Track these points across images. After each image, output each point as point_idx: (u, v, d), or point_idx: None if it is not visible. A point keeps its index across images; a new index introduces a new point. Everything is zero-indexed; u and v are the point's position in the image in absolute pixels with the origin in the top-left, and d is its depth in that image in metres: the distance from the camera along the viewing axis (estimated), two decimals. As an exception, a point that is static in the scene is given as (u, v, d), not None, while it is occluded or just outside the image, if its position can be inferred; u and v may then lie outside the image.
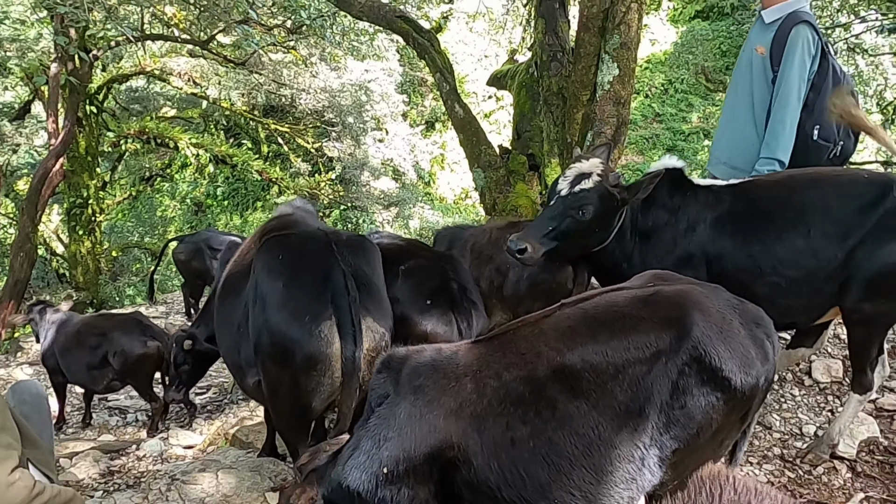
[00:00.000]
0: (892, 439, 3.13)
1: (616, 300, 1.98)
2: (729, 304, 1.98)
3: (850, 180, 2.66)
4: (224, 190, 16.19)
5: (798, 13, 3.08)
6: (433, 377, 1.92)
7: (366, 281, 2.70)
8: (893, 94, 12.03)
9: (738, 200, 2.72)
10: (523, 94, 6.07)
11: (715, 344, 1.82)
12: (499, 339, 2.00)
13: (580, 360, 1.83)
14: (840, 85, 3.12)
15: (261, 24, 9.54)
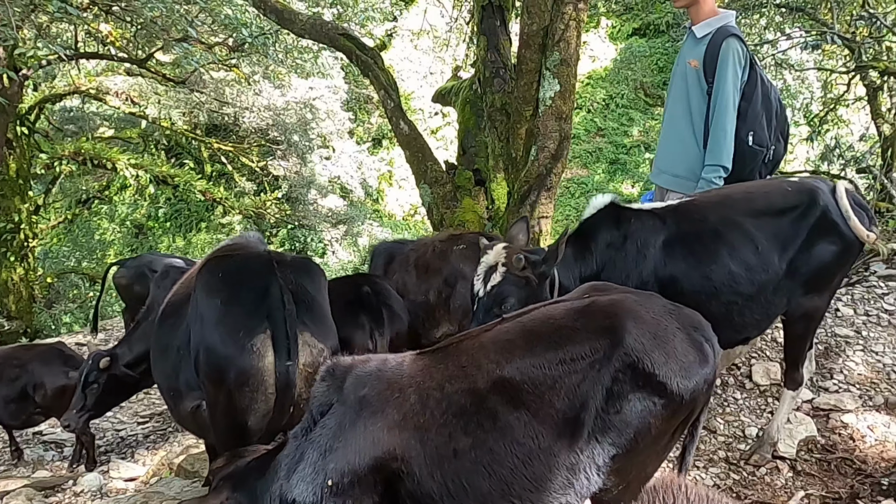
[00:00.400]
0: (829, 437, 3.25)
1: (552, 313, 2.03)
2: (665, 309, 2.04)
3: (779, 193, 2.80)
4: (166, 211, 15.77)
5: (726, 27, 3.25)
6: (378, 387, 1.94)
7: (307, 298, 2.65)
8: (819, 108, 12.63)
9: (684, 221, 2.79)
10: (467, 110, 6.12)
11: (648, 350, 1.88)
12: (442, 352, 2.03)
13: (518, 371, 1.88)
14: (768, 92, 3.30)
15: (201, 42, 9.38)
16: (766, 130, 3.30)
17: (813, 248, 2.72)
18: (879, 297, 4.52)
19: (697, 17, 3.37)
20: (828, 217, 2.71)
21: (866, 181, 9.15)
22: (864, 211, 2.81)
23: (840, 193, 2.72)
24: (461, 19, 16.08)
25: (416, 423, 1.86)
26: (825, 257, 2.72)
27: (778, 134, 3.38)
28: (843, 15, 9.36)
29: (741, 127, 3.25)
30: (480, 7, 5.55)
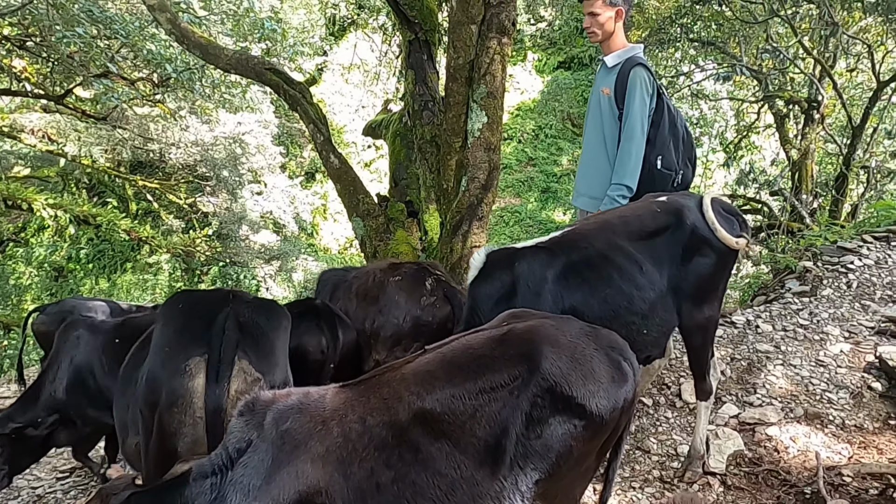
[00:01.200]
0: (755, 451, 3.35)
1: (471, 343, 2.06)
2: (582, 332, 2.09)
3: (650, 215, 2.91)
4: (88, 252, 15.08)
5: (634, 58, 3.46)
6: (300, 421, 1.90)
7: (256, 332, 2.63)
8: (733, 135, 13.35)
9: (572, 251, 2.83)
10: (398, 142, 6.16)
11: (566, 373, 1.91)
12: (364, 385, 2.02)
13: (439, 403, 1.89)
14: (675, 119, 3.50)
15: (123, 77, 9.15)
16: (675, 155, 3.49)
17: (690, 264, 2.84)
18: (795, 312, 4.75)
19: (609, 50, 3.58)
20: (697, 234, 2.82)
21: (779, 203, 9.69)
22: (735, 217, 2.96)
23: (706, 206, 2.85)
24: (390, 53, 16.29)
25: (339, 457, 1.84)
26: (703, 271, 2.84)
27: (686, 159, 3.57)
28: (749, 48, 9.98)
29: (650, 151, 3.42)
30: (407, 42, 5.63)
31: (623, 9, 3.48)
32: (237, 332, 2.53)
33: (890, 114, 9.75)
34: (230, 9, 9.27)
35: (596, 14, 3.48)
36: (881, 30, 8.54)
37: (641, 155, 3.39)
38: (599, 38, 3.55)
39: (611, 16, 3.48)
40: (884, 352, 3.89)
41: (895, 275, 5.18)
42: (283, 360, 2.77)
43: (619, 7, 3.47)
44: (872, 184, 8.77)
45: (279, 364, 2.71)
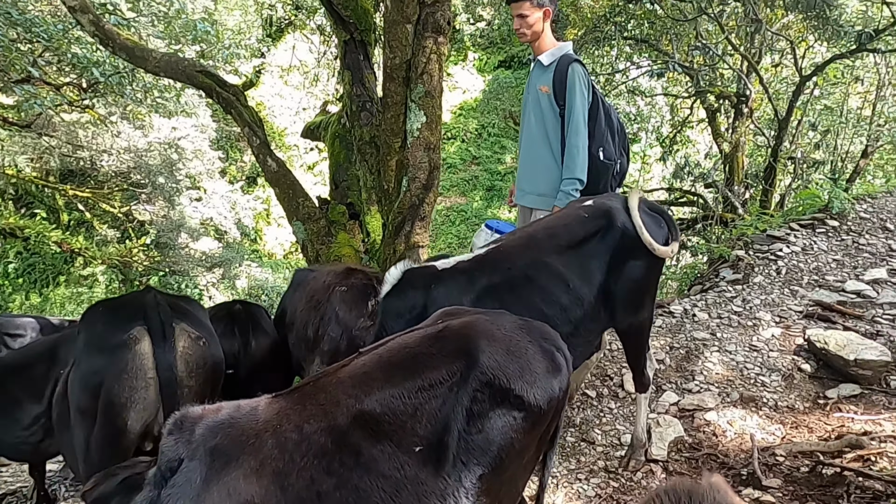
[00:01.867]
0: (695, 436, 3.45)
1: (407, 342, 2.05)
2: (516, 325, 2.11)
3: (578, 222, 2.87)
4: (17, 266, 14.35)
5: (568, 55, 3.56)
6: (230, 435, 1.84)
7: (183, 310, 2.73)
8: (668, 130, 13.73)
9: (493, 272, 2.79)
10: (337, 144, 6.09)
11: (503, 365, 1.93)
12: (299, 392, 1.98)
13: (378, 404, 1.87)
14: (609, 111, 3.60)
15: (47, 82, 8.77)
16: (612, 145, 3.59)
17: (622, 268, 2.80)
18: (729, 300, 4.91)
19: (540, 49, 3.65)
20: (628, 235, 2.80)
21: (713, 194, 10.02)
22: (661, 216, 2.98)
23: (632, 206, 2.84)
24: (329, 54, 16.11)
25: (275, 469, 1.78)
26: (635, 275, 2.82)
27: (621, 149, 3.68)
28: (681, 46, 10.28)
29: (591, 144, 3.51)
30: (343, 42, 5.57)
31: (550, 8, 3.56)
32: (168, 305, 2.62)
33: (813, 107, 10.20)
34: (160, 10, 8.99)
35: (525, 16, 3.55)
36: (802, 26, 8.92)
37: (587, 149, 3.48)
38: (529, 38, 3.62)
39: (539, 16, 3.55)
40: (812, 334, 4.06)
41: (821, 260, 5.42)
42: (215, 334, 2.85)
43: (547, 7, 3.54)
44: (799, 174, 9.17)
45: (214, 335, 2.81)
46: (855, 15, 9.08)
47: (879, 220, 6.00)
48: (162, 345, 2.48)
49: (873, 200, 6.52)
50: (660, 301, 5.16)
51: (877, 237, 5.70)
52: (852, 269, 5.24)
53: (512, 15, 3.64)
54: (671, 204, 11.33)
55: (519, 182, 3.88)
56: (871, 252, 5.45)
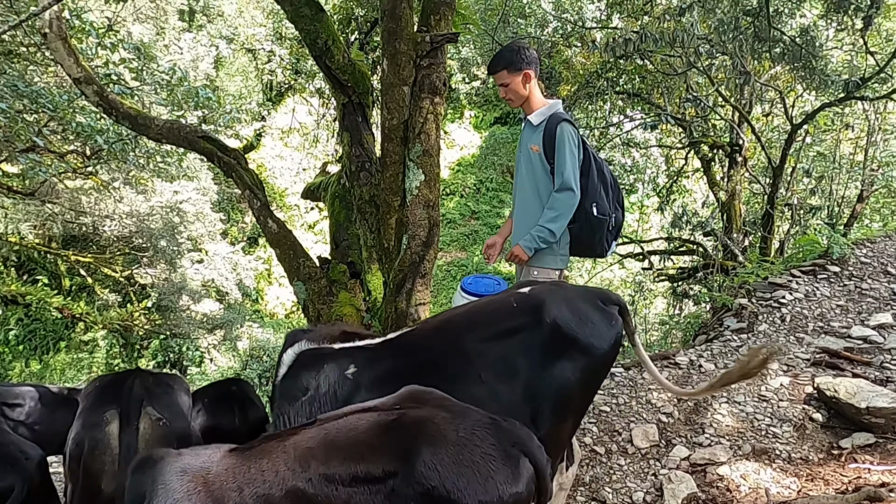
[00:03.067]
0: (708, 492, 3.36)
1: (357, 425, 2.03)
2: (479, 425, 2.02)
3: (505, 312, 2.69)
4: (17, 333, 14.29)
5: (557, 114, 3.60)
6: (182, 481, 1.94)
7: (159, 391, 3.12)
8: (665, 180, 13.87)
9: (399, 356, 2.66)
10: (337, 204, 6.15)
11: (443, 475, 1.87)
12: (249, 452, 2.02)
13: (311, 484, 1.88)
14: (601, 167, 3.62)
15: (51, 151, 8.92)
16: (606, 200, 3.61)
17: (549, 369, 2.55)
18: (735, 349, 4.86)
19: (530, 109, 3.71)
20: (559, 333, 2.55)
21: (713, 242, 10.05)
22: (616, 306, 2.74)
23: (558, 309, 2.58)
24: (328, 116, 16.46)
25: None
26: (564, 378, 2.54)
27: (615, 203, 3.70)
28: (672, 98, 10.50)
29: (584, 200, 3.52)
30: (342, 105, 5.69)
31: (530, 70, 3.60)
32: (142, 389, 3.05)
33: (806, 154, 10.33)
34: (163, 78, 9.22)
35: (506, 84, 3.63)
36: (790, 77, 9.13)
37: (572, 205, 3.48)
38: (517, 103, 3.70)
39: (519, 80, 3.61)
40: (821, 383, 4.00)
41: (824, 306, 5.39)
42: (183, 412, 3.21)
43: (525, 70, 3.59)
44: (796, 220, 9.21)
45: (180, 414, 3.16)
46: (840, 64, 9.31)
47: (880, 265, 6.00)
48: (126, 427, 2.92)
49: (872, 245, 6.53)
50: (665, 352, 5.10)
51: (879, 281, 5.69)
52: (857, 314, 5.21)
53: (496, 85, 3.72)
54: (671, 253, 11.34)
55: (514, 239, 3.87)
56: (874, 297, 5.43)
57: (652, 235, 14.35)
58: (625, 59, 9.40)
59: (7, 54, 8.04)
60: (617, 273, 16.05)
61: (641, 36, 7.27)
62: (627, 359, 5.60)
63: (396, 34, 4.81)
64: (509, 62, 3.60)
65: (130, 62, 8.55)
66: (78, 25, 7.71)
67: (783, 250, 8.55)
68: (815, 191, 10.27)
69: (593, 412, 4.17)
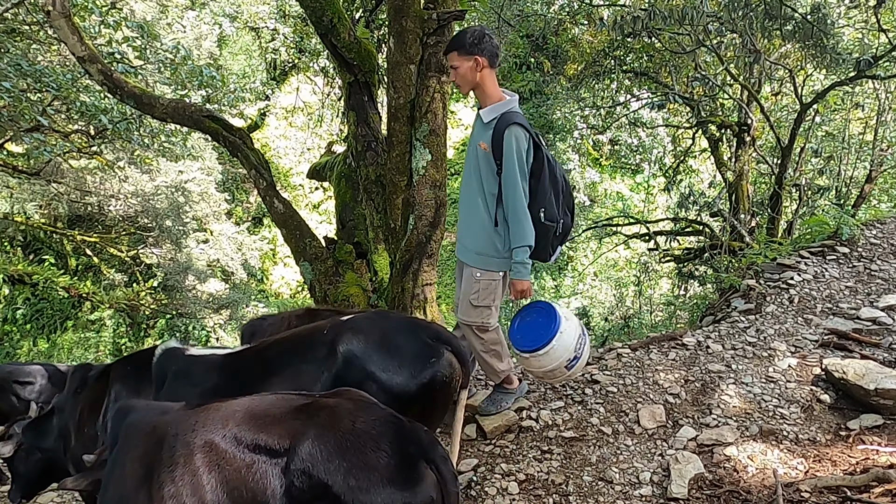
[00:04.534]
0: (715, 472, 3.37)
1: (277, 401, 2.22)
2: (381, 421, 2.07)
3: (311, 342, 2.87)
4: (25, 312, 14.37)
5: (509, 114, 3.40)
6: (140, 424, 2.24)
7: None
8: (671, 160, 13.78)
9: (222, 375, 2.85)
10: (343, 184, 6.12)
11: (324, 460, 1.94)
12: (198, 407, 2.23)
13: (223, 440, 2.04)
14: (554, 170, 3.47)
15: (55, 130, 8.89)
16: (555, 206, 3.45)
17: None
18: (742, 330, 4.85)
19: (484, 102, 3.51)
20: (351, 366, 2.68)
21: (719, 223, 10.00)
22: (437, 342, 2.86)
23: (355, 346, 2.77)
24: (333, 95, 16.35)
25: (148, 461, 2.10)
26: None
27: (565, 208, 3.55)
28: (680, 77, 10.38)
29: (532, 205, 3.38)
30: (347, 84, 5.64)
31: (483, 58, 3.38)
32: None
33: (815, 133, 10.23)
34: (167, 57, 9.15)
35: (455, 67, 3.43)
36: (800, 55, 9.01)
37: (528, 212, 3.36)
38: (465, 89, 3.51)
39: (470, 65, 3.39)
40: (829, 364, 3.99)
41: (833, 288, 5.37)
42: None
43: (477, 56, 3.37)
44: (805, 200, 9.15)
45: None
46: (852, 42, 9.18)
47: (890, 246, 5.96)
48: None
49: (882, 226, 6.48)
50: (672, 333, 5.10)
51: (889, 263, 5.66)
52: (866, 295, 5.18)
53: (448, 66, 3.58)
54: (677, 234, 11.30)
55: (460, 236, 3.75)
56: (883, 278, 5.40)
57: (658, 216, 14.30)
58: (633, 37, 9.27)
59: (10, 32, 7.99)
60: (622, 253, 16.03)
61: (650, 13, 7.16)
62: (634, 339, 5.60)
63: (403, 11, 4.75)
64: (461, 45, 3.40)
65: (134, 40, 8.49)
66: (81, 3, 7.64)
67: (791, 231, 8.51)
68: (824, 171, 10.20)
69: (600, 393, 4.18)
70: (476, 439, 3.83)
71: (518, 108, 3.50)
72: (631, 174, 18.33)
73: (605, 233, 13.18)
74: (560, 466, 3.54)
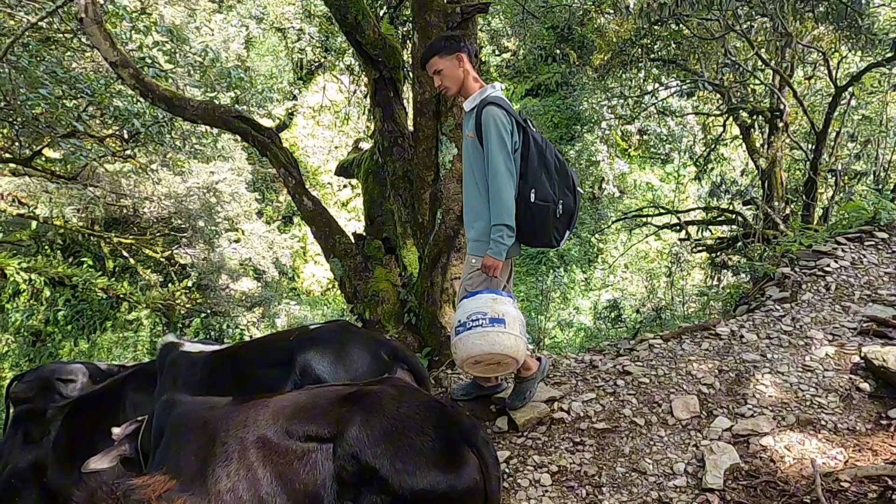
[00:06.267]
0: (751, 463, 3.32)
1: (323, 393, 2.29)
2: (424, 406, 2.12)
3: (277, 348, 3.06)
4: (66, 314, 14.77)
5: (486, 98, 3.41)
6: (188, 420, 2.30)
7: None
8: (702, 148, 13.57)
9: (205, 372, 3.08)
10: (371, 180, 6.17)
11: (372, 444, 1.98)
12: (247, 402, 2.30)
13: (275, 434, 2.09)
14: (543, 150, 3.43)
15: (91, 135, 9.11)
16: (549, 185, 3.40)
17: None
18: (777, 319, 4.76)
19: (465, 96, 3.55)
20: (307, 374, 2.83)
21: (752, 211, 9.82)
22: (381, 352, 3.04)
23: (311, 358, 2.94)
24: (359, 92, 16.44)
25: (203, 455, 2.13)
26: None
27: (564, 188, 3.48)
28: (709, 64, 10.20)
29: (524, 186, 3.35)
30: (373, 80, 5.67)
31: (463, 53, 3.44)
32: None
33: (851, 118, 9.98)
34: (196, 60, 9.31)
35: (439, 70, 3.44)
36: (834, 37, 8.79)
37: (511, 191, 3.32)
38: (454, 90, 3.50)
39: (454, 64, 3.43)
40: (868, 352, 3.90)
41: (871, 274, 5.24)
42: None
43: (458, 52, 3.42)
44: (841, 186, 8.94)
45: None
46: (888, 22, 8.92)
47: (931, 230, 5.79)
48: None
49: (923, 210, 6.29)
50: (705, 323, 5.03)
51: (930, 247, 5.50)
52: (906, 281, 5.05)
53: (429, 75, 3.56)
54: (709, 223, 11.13)
55: (466, 225, 3.72)
56: (924, 263, 5.25)
57: (689, 206, 14.09)
58: (660, 24, 9.14)
59: (45, 41, 8.19)
60: (653, 245, 15.84)
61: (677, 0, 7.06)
62: (666, 330, 5.55)
63: (426, 6, 4.76)
64: (439, 48, 3.44)
65: (163, 45, 8.65)
66: (112, 10, 7.81)
67: (827, 217, 8.32)
68: (861, 155, 9.95)
69: (632, 384, 4.15)
70: (508, 432, 3.84)
71: (500, 94, 3.49)
72: (661, 164, 18.08)
73: (635, 224, 13.06)
74: (593, 458, 3.53)
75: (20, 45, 6.90)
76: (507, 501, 3.30)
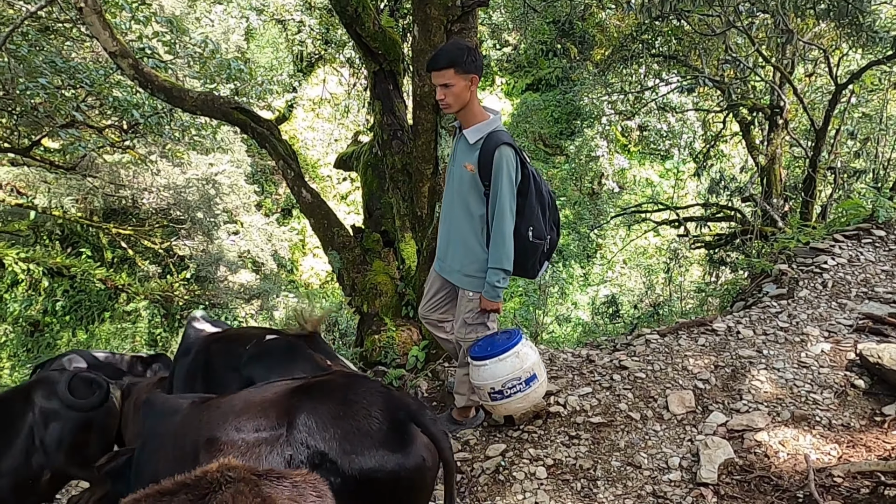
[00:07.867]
0: (746, 458, 3.34)
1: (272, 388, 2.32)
2: (371, 391, 2.18)
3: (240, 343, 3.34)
4: (64, 304, 14.78)
5: (496, 134, 3.28)
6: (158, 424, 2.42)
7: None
8: (701, 145, 13.55)
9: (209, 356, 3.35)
10: (370, 173, 6.16)
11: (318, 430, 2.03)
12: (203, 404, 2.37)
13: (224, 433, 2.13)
14: (540, 187, 3.40)
15: (90, 125, 9.09)
16: (542, 223, 3.38)
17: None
18: (774, 315, 4.78)
19: (467, 122, 3.37)
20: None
21: (751, 208, 9.83)
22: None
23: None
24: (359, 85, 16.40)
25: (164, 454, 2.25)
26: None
27: (551, 223, 3.48)
28: (710, 60, 10.18)
29: (521, 223, 3.31)
30: (372, 73, 5.67)
31: (477, 76, 3.24)
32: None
33: (851, 115, 9.97)
34: (195, 51, 9.28)
35: (450, 85, 3.18)
36: (835, 34, 8.78)
37: (512, 236, 3.30)
38: (455, 109, 3.29)
39: (466, 84, 3.20)
40: (864, 349, 3.91)
41: (868, 272, 5.25)
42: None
43: (473, 74, 3.21)
44: (839, 184, 8.94)
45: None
46: (889, 19, 8.90)
47: (929, 228, 5.81)
48: None
49: (921, 208, 6.30)
50: (701, 319, 5.04)
51: (927, 246, 5.51)
52: (903, 279, 5.06)
53: (434, 84, 3.27)
54: (708, 220, 11.13)
55: (443, 255, 3.61)
56: (921, 261, 5.26)
57: (688, 202, 14.09)
58: (661, 19, 9.12)
59: (44, 30, 8.18)
60: (652, 241, 15.86)
61: (678, -5, 7.04)
62: (663, 325, 5.56)
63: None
64: (458, 60, 3.15)
65: (163, 35, 8.62)
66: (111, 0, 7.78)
67: (825, 215, 8.32)
68: (860, 153, 9.94)
69: (628, 378, 4.16)
70: (504, 425, 3.86)
71: (502, 126, 3.39)
72: (660, 160, 18.07)
73: (633, 220, 13.05)
74: (588, 451, 3.55)
75: (19, 34, 6.88)
76: (503, 494, 3.32)
